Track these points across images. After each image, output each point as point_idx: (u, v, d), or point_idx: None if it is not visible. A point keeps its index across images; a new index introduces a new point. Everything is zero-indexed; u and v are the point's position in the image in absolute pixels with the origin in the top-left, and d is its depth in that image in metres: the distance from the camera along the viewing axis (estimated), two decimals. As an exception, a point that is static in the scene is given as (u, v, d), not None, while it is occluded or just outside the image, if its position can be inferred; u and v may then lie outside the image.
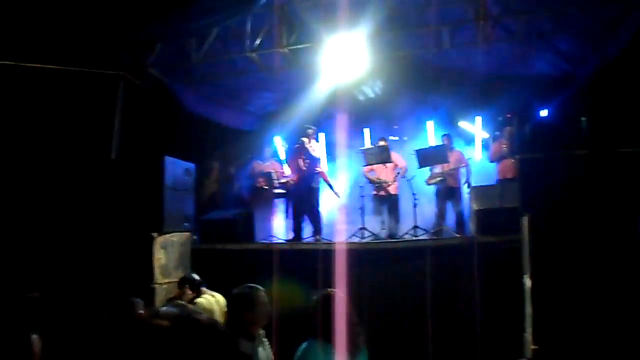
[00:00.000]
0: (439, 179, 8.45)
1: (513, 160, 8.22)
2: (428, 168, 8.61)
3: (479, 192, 7.62)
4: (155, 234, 6.17)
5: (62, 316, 5.10)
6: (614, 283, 4.49)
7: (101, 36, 6.73)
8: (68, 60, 6.95)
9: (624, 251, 4.54)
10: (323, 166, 9.33)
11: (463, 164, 8.59)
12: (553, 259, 4.71)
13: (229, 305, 3.70)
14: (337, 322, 3.04)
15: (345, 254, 6.23)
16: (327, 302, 3.17)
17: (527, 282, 4.93)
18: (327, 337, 3.02)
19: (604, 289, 4.51)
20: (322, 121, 9.85)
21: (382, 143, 8.68)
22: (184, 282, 5.38)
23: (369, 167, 8.68)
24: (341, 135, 9.74)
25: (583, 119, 5.09)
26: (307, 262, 6.70)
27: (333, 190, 8.85)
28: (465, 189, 8.57)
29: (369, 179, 8.84)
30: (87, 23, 6.56)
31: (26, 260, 6.15)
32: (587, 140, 4.95)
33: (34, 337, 2.58)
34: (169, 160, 6.45)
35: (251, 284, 3.53)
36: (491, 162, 8.78)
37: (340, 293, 3.29)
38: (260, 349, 3.41)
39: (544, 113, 8.40)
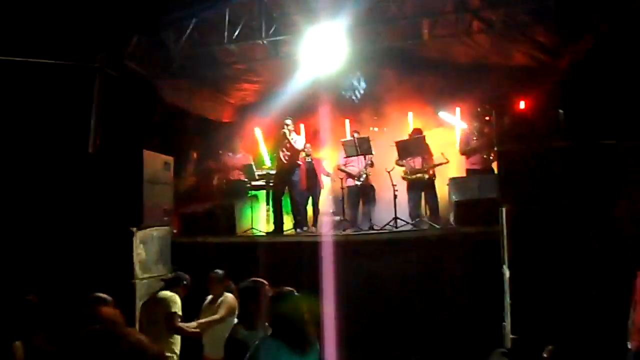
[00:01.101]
0: (419, 175, 8.39)
1: (482, 153, 8.26)
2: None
3: (458, 183, 7.67)
4: (134, 229, 6.09)
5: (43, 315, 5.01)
6: (590, 273, 4.58)
7: (77, 28, 6.60)
8: (43, 52, 6.81)
9: (600, 242, 4.63)
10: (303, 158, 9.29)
11: (445, 161, 8.51)
12: (531, 250, 4.78)
13: (238, 297, 4.05)
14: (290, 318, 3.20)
15: (327, 247, 6.25)
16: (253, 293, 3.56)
17: (506, 272, 5.00)
18: (279, 333, 3.17)
19: (581, 278, 4.60)
20: (303, 112, 9.82)
21: (362, 136, 8.65)
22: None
23: (347, 159, 8.65)
24: (322, 127, 9.75)
25: (560, 111, 5.14)
26: (289, 255, 6.70)
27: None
28: (438, 180, 8.52)
29: (343, 171, 8.81)
30: (64, 15, 6.44)
31: (4, 257, 6.05)
32: (565, 132, 5.01)
33: (17, 343, 2.54)
34: (148, 154, 6.37)
35: (257, 279, 3.81)
36: (461, 154, 8.73)
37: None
38: None
39: (522, 105, 8.51)
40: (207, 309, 5.23)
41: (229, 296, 5.14)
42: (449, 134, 10.39)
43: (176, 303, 4.85)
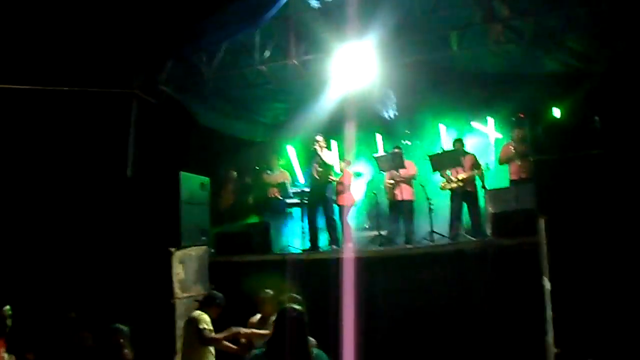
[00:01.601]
0: (454, 185, 8.36)
1: (520, 162, 8.17)
2: (441, 173, 8.53)
3: (495, 194, 7.57)
4: (173, 249, 6.21)
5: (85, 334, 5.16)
6: (634, 283, 4.44)
7: (114, 56, 6.83)
8: (81, 81, 7.07)
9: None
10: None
11: (477, 170, 8.47)
12: (572, 260, 4.66)
13: None
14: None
15: (362, 263, 6.24)
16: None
17: (547, 284, 4.89)
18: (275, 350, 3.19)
19: (624, 289, 4.46)
20: (335, 129, 9.88)
21: (396, 150, 8.66)
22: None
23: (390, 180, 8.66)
24: (354, 143, 9.78)
25: (596, 117, 5.05)
26: (324, 272, 6.71)
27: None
28: (481, 192, 8.47)
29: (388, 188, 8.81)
30: (101, 44, 6.68)
31: (49, 278, 6.25)
32: (601, 139, 4.91)
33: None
34: (185, 175, 6.51)
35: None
36: (500, 164, 8.67)
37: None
38: None
39: (557, 113, 8.35)
40: (257, 328, 5.25)
41: None
42: (483, 144, 10.28)
43: (204, 320, 5.00)
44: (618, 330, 4.37)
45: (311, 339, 3.27)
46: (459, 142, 8.82)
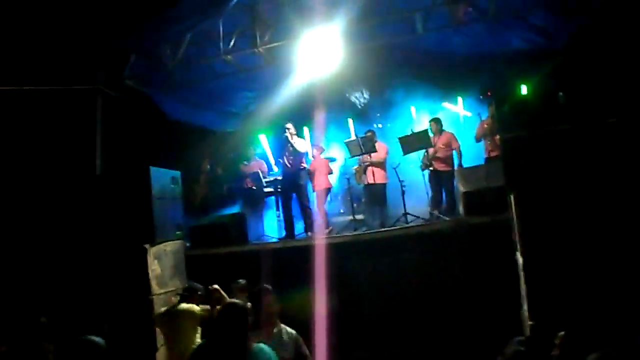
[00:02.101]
0: (428, 163, 8.45)
1: (491, 140, 8.31)
2: (420, 153, 8.58)
3: (465, 173, 7.66)
4: (147, 245, 6.16)
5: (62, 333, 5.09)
6: (603, 255, 4.55)
7: (74, 52, 6.67)
8: (42, 79, 6.89)
9: (612, 221, 4.59)
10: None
11: (454, 147, 8.57)
12: (542, 235, 4.75)
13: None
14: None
15: (338, 248, 6.27)
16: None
17: (520, 259, 4.98)
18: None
19: (594, 261, 4.57)
20: (306, 116, 9.85)
21: (368, 134, 8.68)
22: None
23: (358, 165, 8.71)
24: (325, 128, 9.78)
25: (560, 93, 5.12)
26: (301, 259, 6.72)
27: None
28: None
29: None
30: (60, 39, 6.51)
31: (22, 278, 6.14)
32: (567, 114, 4.98)
33: None
34: (155, 170, 6.45)
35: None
36: (477, 141, 8.83)
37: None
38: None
39: (523, 90, 8.47)
40: None
41: None
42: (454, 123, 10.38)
43: (196, 308, 5.08)
44: (590, 301, 4.48)
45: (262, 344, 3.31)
46: (435, 121, 8.86)
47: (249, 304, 4.46)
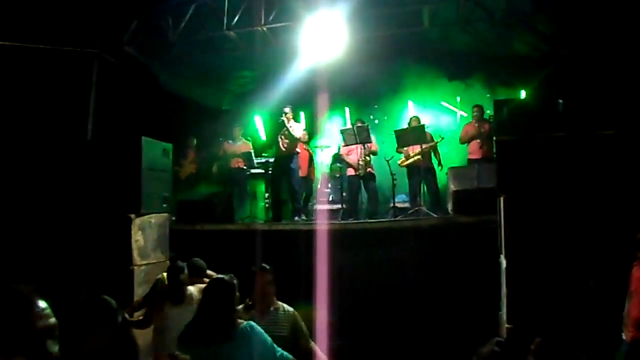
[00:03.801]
0: (411, 160, 8.39)
1: (479, 141, 8.31)
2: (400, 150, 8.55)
3: (457, 172, 7.67)
4: (132, 216, 6.09)
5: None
6: (587, 263, 4.58)
7: (75, 14, 6.55)
8: (40, 38, 6.76)
9: (597, 232, 4.62)
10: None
11: (431, 146, 8.49)
12: (528, 240, 4.78)
13: None
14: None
15: (324, 235, 6.26)
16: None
17: (503, 262, 5.01)
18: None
19: (577, 268, 4.60)
20: (303, 100, 9.78)
21: (359, 124, 8.61)
22: None
23: (347, 148, 8.63)
24: (322, 115, 9.72)
25: (559, 101, 5.12)
26: (286, 243, 6.72)
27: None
28: (437, 169, 8.53)
29: (345, 161, 8.79)
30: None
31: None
32: (563, 122, 4.99)
33: None
34: (146, 140, 6.35)
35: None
36: (461, 143, 8.77)
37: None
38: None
39: (522, 94, 8.48)
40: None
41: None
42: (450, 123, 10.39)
43: None
44: (570, 307, 4.52)
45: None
46: (415, 119, 8.83)
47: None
